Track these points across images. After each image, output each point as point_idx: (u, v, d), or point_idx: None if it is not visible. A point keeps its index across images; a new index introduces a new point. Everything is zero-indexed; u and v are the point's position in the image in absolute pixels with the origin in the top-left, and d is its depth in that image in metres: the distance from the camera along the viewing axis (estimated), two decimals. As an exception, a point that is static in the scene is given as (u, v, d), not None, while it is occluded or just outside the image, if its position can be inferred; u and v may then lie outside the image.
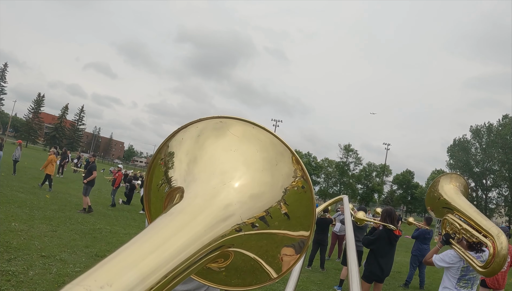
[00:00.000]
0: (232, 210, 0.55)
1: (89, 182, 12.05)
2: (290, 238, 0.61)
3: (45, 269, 5.86)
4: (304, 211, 0.60)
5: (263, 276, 0.63)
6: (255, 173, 0.59)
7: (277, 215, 0.59)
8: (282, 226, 0.60)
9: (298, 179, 0.59)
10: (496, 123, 60.68)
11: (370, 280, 6.29)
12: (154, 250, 0.44)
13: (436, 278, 10.96)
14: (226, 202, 0.55)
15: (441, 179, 4.22)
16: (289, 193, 0.59)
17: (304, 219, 0.60)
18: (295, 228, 0.60)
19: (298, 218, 0.60)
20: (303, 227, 0.61)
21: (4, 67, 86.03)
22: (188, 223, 0.50)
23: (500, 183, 60.60)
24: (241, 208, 0.56)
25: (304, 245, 0.62)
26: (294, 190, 0.59)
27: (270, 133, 0.60)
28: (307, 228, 0.61)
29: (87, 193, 11.91)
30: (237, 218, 0.55)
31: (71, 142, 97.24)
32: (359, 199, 77.22)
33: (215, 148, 0.61)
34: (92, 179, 12.13)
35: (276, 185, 0.59)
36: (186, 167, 0.61)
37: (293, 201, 0.59)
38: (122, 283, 0.39)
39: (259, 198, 0.58)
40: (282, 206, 0.59)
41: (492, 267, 3.50)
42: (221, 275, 0.63)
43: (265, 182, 0.59)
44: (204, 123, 0.62)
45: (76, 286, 0.37)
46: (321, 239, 10.06)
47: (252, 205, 0.57)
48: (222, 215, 0.54)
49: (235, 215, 0.55)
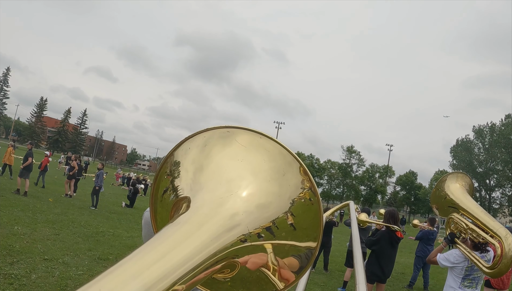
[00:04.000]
0: (239, 219, 0.54)
1: (26, 167, 13.60)
2: (296, 248, 0.60)
3: (48, 272, 5.85)
4: (311, 222, 0.59)
5: (269, 286, 0.62)
6: (262, 182, 0.58)
7: (283, 225, 0.58)
8: (288, 237, 0.59)
9: (306, 190, 0.58)
10: (499, 123, 60.61)
11: (371, 281, 6.34)
12: (160, 260, 0.44)
13: (440, 279, 10.90)
14: (232, 211, 0.54)
15: (448, 178, 4.20)
16: (297, 204, 0.58)
17: (310, 230, 0.60)
18: (301, 239, 0.60)
19: (305, 229, 0.59)
20: (310, 239, 0.60)
21: (7, 72, 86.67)
22: (194, 232, 0.50)
23: (503, 183, 60.43)
24: (247, 217, 0.55)
25: (311, 256, 0.61)
26: (301, 202, 0.58)
27: (278, 144, 0.59)
28: (314, 239, 0.60)
29: (24, 175, 13.44)
30: (243, 228, 0.54)
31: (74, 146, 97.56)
32: (362, 200, 76.99)
33: (222, 157, 0.60)
34: (27, 164, 13.64)
35: (284, 196, 0.58)
36: (192, 176, 0.60)
37: (300, 213, 0.58)
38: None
39: (266, 208, 0.57)
40: (289, 217, 0.58)
41: (499, 268, 3.47)
42: (226, 285, 0.62)
43: (272, 192, 0.58)
44: (210, 133, 0.62)
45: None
46: (325, 241, 10.03)
47: (258, 215, 0.56)
48: (228, 225, 0.53)
49: (241, 224, 0.54)
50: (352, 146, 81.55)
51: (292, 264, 0.61)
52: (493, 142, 59.35)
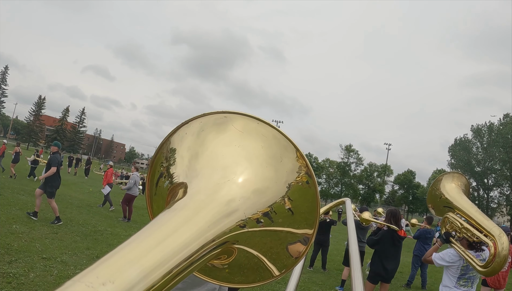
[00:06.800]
0: (235, 205, 0.53)
1: None
2: (294, 235, 0.60)
3: (46, 271, 5.85)
4: (309, 206, 0.59)
5: (266, 273, 0.62)
6: (259, 168, 0.58)
7: (281, 210, 0.57)
8: (286, 222, 0.58)
9: (303, 174, 0.58)
10: (497, 123, 60.61)
11: (375, 281, 6.29)
12: (157, 246, 0.43)
13: (438, 278, 10.92)
14: (228, 197, 0.54)
15: (443, 177, 4.22)
16: (293, 188, 0.58)
17: (308, 214, 0.59)
18: (299, 224, 0.59)
19: (302, 213, 0.59)
20: (307, 224, 0.60)
21: (5, 70, 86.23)
22: (191, 218, 0.49)
23: (501, 182, 60.44)
24: (244, 203, 0.54)
25: (308, 242, 0.61)
26: (298, 186, 0.58)
27: (274, 129, 0.59)
28: (311, 225, 0.60)
29: None
30: (241, 213, 0.54)
31: (72, 145, 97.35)
32: (360, 199, 77.05)
33: (217, 143, 0.60)
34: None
35: (280, 180, 0.58)
36: (188, 163, 0.60)
37: (298, 197, 0.58)
38: (125, 279, 0.38)
39: (263, 193, 0.57)
40: (286, 202, 0.57)
41: (492, 267, 3.50)
42: (224, 272, 0.63)
43: (269, 177, 0.58)
44: (207, 118, 0.61)
45: (77, 282, 0.36)
46: (323, 239, 10.06)
47: (255, 200, 0.56)
48: (225, 211, 0.52)
49: (238, 210, 0.53)
50: (351, 145, 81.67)
51: (289, 250, 0.61)
52: (492, 142, 59.34)
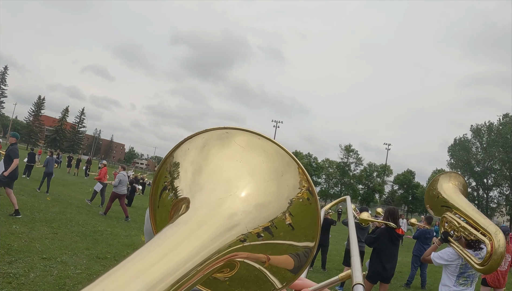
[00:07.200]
0: (237, 219, 0.54)
1: None
2: (295, 248, 0.60)
3: (46, 271, 5.86)
4: (309, 222, 0.60)
5: (267, 286, 0.62)
6: (261, 182, 0.58)
7: (282, 225, 0.58)
8: (287, 236, 0.59)
9: (304, 190, 0.59)
10: (497, 123, 60.63)
11: (374, 280, 6.27)
12: (161, 260, 0.44)
13: (438, 278, 10.92)
14: (231, 211, 0.54)
15: (440, 177, 4.24)
16: (295, 204, 0.58)
17: (309, 230, 0.60)
18: (300, 238, 0.60)
19: (303, 229, 0.60)
20: (308, 238, 0.60)
21: (4, 70, 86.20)
22: (193, 232, 0.50)
23: (501, 182, 60.46)
24: (246, 217, 0.55)
25: (309, 255, 0.61)
26: (299, 202, 0.59)
27: (276, 144, 0.59)
28: (312, 239, 0.60)
29: None
30: (242, 227, 0.54)
31: (72, 145, 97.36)
32: (360, 199, 77.14)
33: (220, 158, 0.60)
34: None
35: (282, 195, 0.58)
36: (191, 177, 0.60)
37: (299, 212, 0.59)
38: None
39: (265, 208, 0.57)
40: (287, 217, 0.58)
41: (489, 265, 3.53)
42: (225, 284, 0.63)
43: (270, 192, 0.58)
44: (209, 134, 0.62)
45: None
46: (323, 240, 10.07)
47: (257, 214, 0.56)
48: (228, 225, 0.53)
49: (240, 224, 0.54)
50: (350, 145, 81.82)
51: (290, 263, 0.61)
52: (491, 142, 59.37)
